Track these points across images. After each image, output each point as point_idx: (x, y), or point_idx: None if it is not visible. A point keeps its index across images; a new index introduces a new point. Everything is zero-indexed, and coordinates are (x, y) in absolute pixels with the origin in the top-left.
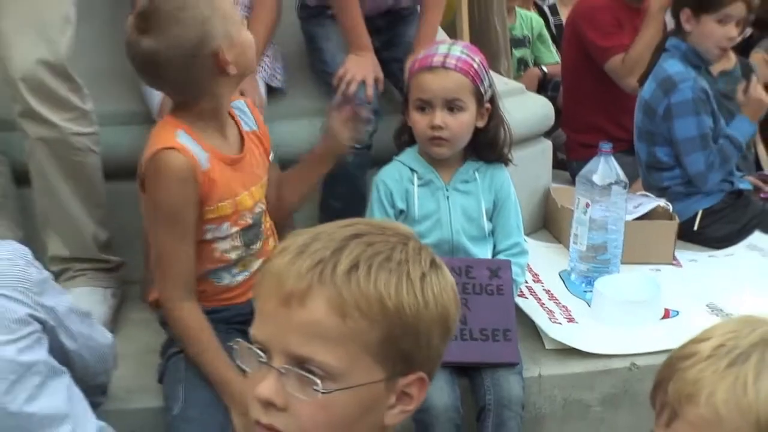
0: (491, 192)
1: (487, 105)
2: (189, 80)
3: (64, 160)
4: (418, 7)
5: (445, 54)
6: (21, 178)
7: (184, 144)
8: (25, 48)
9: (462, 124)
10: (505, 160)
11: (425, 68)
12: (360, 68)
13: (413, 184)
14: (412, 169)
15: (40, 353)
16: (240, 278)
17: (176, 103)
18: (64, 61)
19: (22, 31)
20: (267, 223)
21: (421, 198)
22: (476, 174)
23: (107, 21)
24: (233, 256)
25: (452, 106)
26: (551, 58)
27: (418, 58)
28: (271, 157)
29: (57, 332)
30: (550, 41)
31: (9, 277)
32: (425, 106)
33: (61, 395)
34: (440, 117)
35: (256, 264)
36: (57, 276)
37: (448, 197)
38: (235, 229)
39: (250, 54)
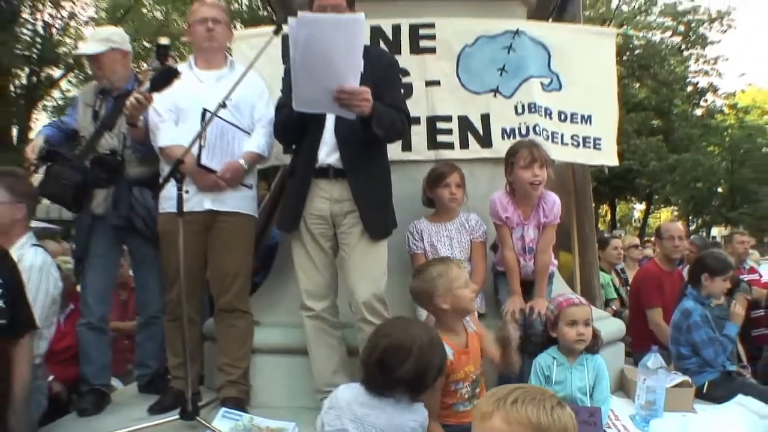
0: (594, 370)
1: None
2: (430, 307)
3: None
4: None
5: (579, 299)
6: (351, 352)
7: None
8: (365, 287)
9: (591, 333)
10: (597, 351)
11: (572, 305)
12: (512, 305)
13: (554, 365)
14: (553, 357)
15: None
16: (468, 408)
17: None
18: (383, 294)
19: (364, 278)
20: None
21: (558, 372)
22: (585, 360)
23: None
24: (467, 395)
25: (588, 323)
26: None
27: (564, 300)
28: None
29: None
30: (621, 288)
31: None
32: (573, 324)
33: None
34: (583, 329)
35: (476, 400)
36: None
37: (572, 372)
38: (467, 381)
39: (464, 303)
